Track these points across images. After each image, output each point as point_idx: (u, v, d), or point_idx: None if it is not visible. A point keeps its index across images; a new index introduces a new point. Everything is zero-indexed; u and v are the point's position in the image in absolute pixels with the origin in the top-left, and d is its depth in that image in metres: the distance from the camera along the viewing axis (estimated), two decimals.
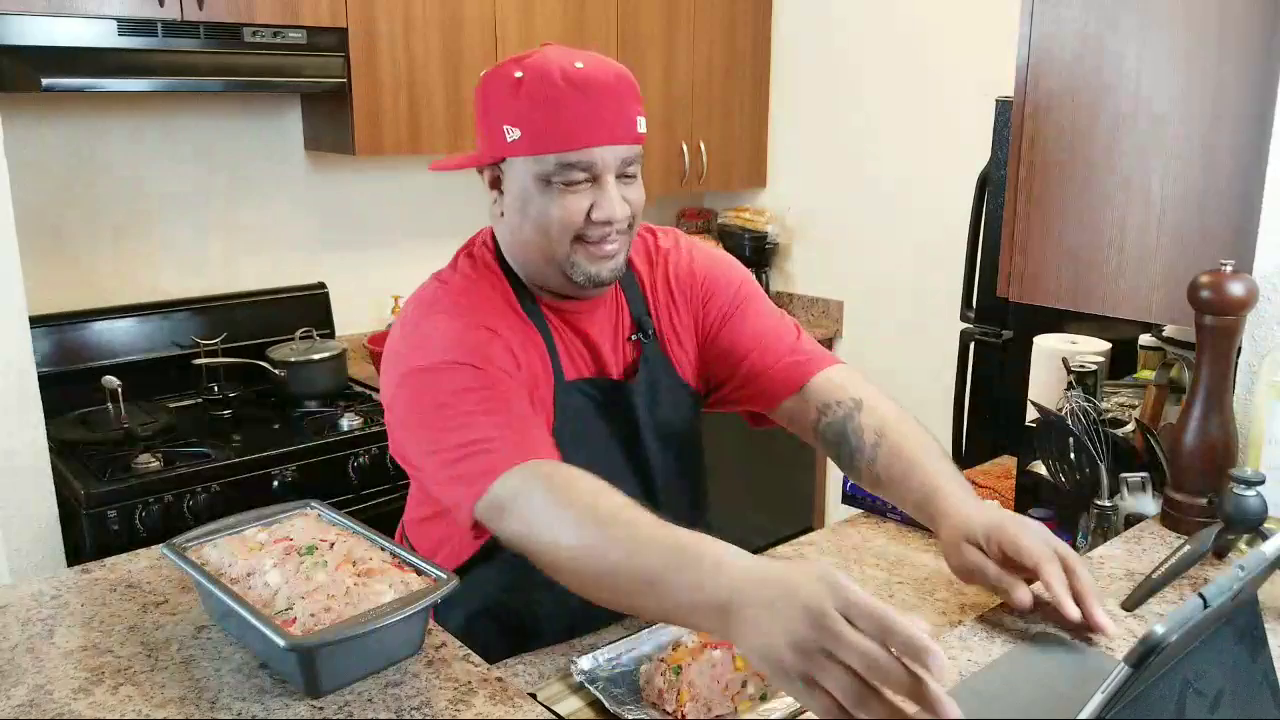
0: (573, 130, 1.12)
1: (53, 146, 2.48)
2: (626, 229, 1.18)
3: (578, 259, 1.16)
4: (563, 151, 1.12)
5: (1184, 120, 1.33)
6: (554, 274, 1.19)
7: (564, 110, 1.11)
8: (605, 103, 1.14)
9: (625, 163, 1.16)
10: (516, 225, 1.19)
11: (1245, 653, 0.76)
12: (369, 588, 0.93)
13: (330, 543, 1.01)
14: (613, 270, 1.19)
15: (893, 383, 3.64)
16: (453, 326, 1.15)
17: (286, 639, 0.86)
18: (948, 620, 1.43)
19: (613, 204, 1.14)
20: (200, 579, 0.97)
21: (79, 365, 2.46)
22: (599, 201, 1.14)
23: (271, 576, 0.96)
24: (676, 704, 1.15)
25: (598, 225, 1.14)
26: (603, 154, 1.13)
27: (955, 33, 3.08)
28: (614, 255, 1.18)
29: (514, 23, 2.90)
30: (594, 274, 1.17)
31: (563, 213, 1.14)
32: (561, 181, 1.13)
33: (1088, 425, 1.35)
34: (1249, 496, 1.04)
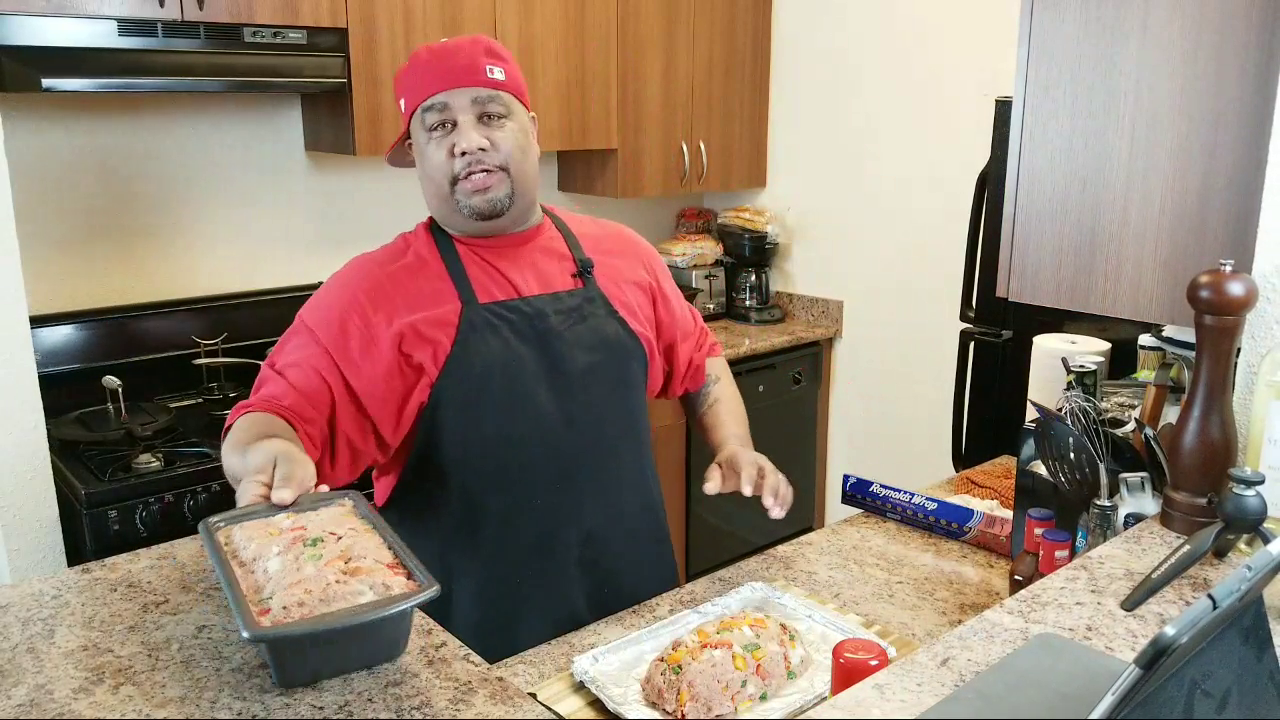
0: (426, 81, 1.35)
1: (53, 146, 2.48)
2: (498, 167, 1.36)
3: (458, 195, 1.37)
4: (423, 101, 1.35)
5: (1184, 120, 1.33)
6: (453, 214, 1.40)
7: (421, 70, 1.36)
8: (452, 57, 1.35)
9: (478, 103, 1.35)
10: (423, 180, 1.42)
11: (1252, 653, 0.76)
12: (349, 586, 0.93)
13: (339, 535, 1.00)
14: (489, 201, 1.37)
15: (893, 383, 3.67)
16: (326, 294, 1.40)
17: (249, 629, 0.87)
18: (948, 620, 1.43)
19: (466, 137, 1.34)
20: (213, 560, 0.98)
21: (79, 365, 2.46)
22: (456, 138, 1.35)
23: (272, 564, 0.96)
24: (676, 704, 1.15)
25: (460, 159, 1.35)
26: (451, 96, 1.34)
27: (955, 33, 3.08)
28: (488, 188, 1.36)
29: (514, 23, 2.90)
30: (472, 205, 1.37)
31: (437, 155, 1.36)
32: (429, 128, 1.36)
33: (1087, 425, 1.35)
34: (1249, 496, 1.04)
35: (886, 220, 3.37)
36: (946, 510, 1.70)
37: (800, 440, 3.65)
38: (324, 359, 1.33)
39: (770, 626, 1.26)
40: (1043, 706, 0.84)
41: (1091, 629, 0.99)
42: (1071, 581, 1.09)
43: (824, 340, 3.61)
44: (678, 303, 1.65)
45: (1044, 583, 1.09)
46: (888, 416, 3.50)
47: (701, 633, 1.24)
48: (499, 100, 1.36)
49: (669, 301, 1.62)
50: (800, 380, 3.54)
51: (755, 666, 1.19)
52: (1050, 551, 1.30)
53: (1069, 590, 1.07)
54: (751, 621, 1.26)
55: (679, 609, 1.45)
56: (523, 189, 1.40)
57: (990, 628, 0.99)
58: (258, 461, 1.10)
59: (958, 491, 1.88)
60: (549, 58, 3.01)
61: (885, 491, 1.79)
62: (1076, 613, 1.02)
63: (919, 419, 3.29)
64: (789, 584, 1.52)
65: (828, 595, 1.50)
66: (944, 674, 0.91)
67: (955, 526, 1.68)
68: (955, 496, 1.83)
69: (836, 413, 3.69)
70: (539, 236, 1.48)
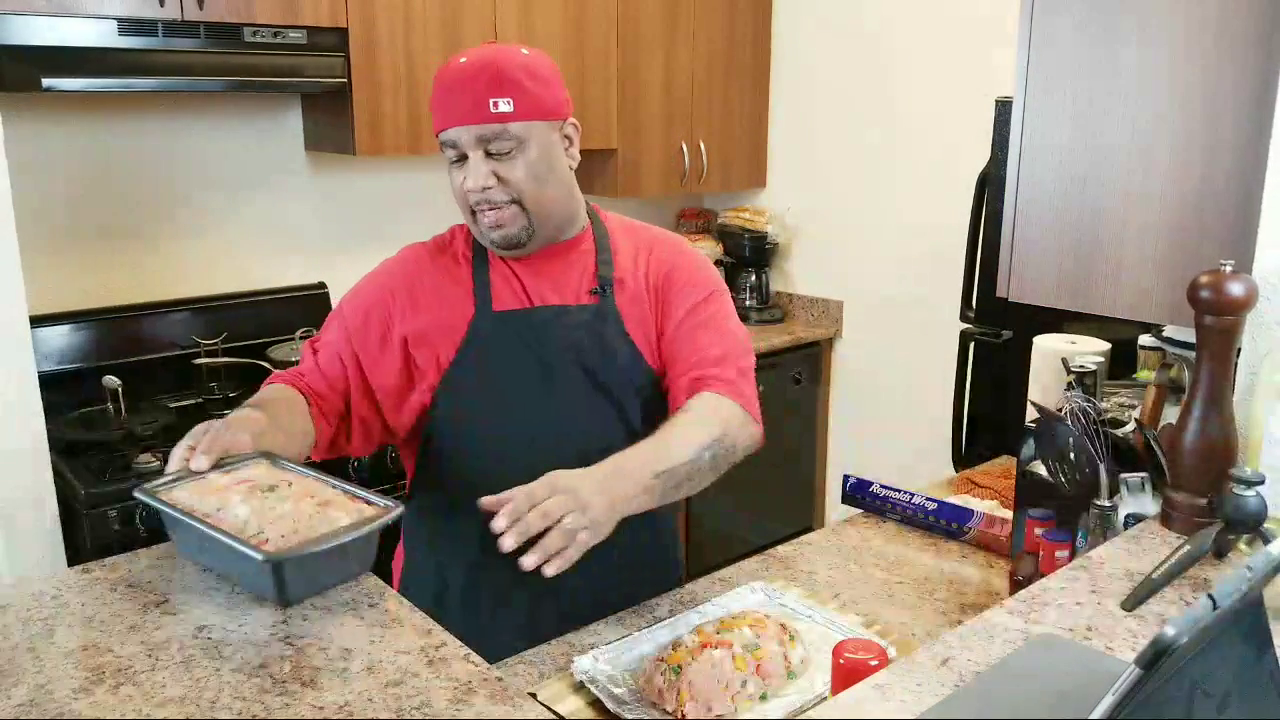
0: (438, 114, 1.36)
1: (53, 146, 2.48)
2: (509, 203, 1.35)
3: (480, 227, 1.38)
4: (439, 133, 1.36)
5: (1184, 120, 1.33)
6: (481, 238, 1.41)
7: (436, 99, 1.36)
8: (460, 90, 1.33)
9: (483, 140, 1.33)
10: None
11: (1252, 653, 0.76)
12: (327, 515, 1.07)
13: (289, 482, 1.13)
14: (504, 236, 1.37)
15: (893, 383, 3.67)
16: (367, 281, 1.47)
17: (262, 553, 0.99)
18: (948, 620, 1.43)
19: (472, 176, 1.34)
20: (176, 514, 1.08)
21: (79, 365, 2.46)
22: (466, 174, 1.35)
23: (240, 510, 1.07)
24: (676, 704, 1.15)
25: (471, 194, 1.35)
26: (458, 134, 1.34)
27: (955, 33, 3.08)
28: (500, 225, 1.36)
29: (514, 23, 2.90)
30: (491, 239, 1.38)
31: (455, 185, 1.38)
32: (449, 159, 1.37)
33: (1087, 425, 1.35)
34: (1249, 496, 1.04)
35: (886, 220, 3.37)
36: (946, 510, 1.70)
37: (800, 440, 3.65)
38: (346, 346, 1.42)
39: (770, 626, 1.26)
40: (1043, 706, 0.84)
41: (1091, 629, 0.99)
42: (1071, 582, 1.09)
43: (824, 340, 3.61)
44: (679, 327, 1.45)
45: (1044, 583, 1.09)
46: (888, 416, 3.50)
47: (701, 633, 1.24)
48: (506, 135, 1.33)
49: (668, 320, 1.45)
50: (800, 380, 3.54)
51: (755, 666, 1.19)
52: (1050, 551, 1.30)
53: (1069, 590, 1.07)
54: (751, 621, 1.26)
55: (679, 609, 1.44)
56: (543, 217, 1.38)
57: (990, 628, 0.99)
58: (195, 430, 1.21)
59: (958, 491, 1.88)
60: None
61: (885, 491, 1.79)
62: (1076, 613, 1.02)
63: (919, 419, 3.28)
64: (789, 584, 1.52)
65: (828, 595, 1.50)
66: (944, 674, 0.91)
67: (955, 526, 1.68)
68: (955, 496, 1.83)
69: (836, 413, 3.69)
70: (573, 250, 1.45)
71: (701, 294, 1.47)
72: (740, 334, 1.49)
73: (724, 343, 1.44)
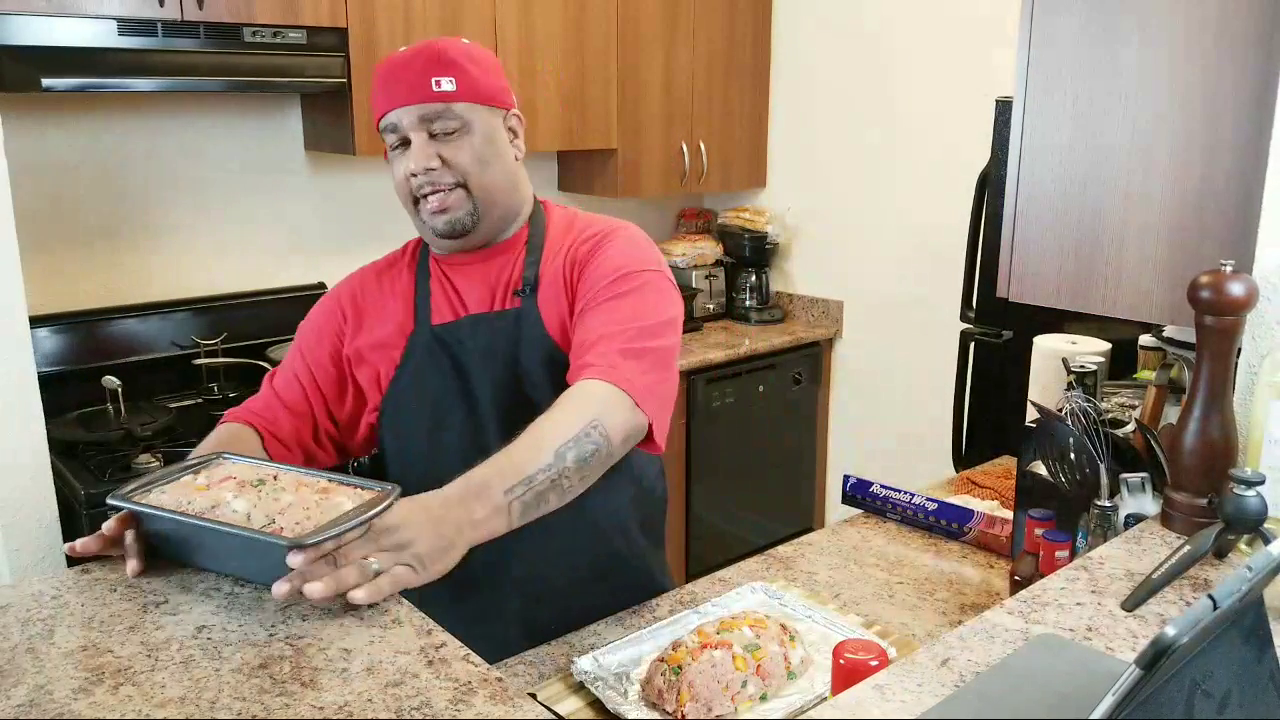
0: (379, 100, 1.32)
1: (53, 146, 2.48)
2: (454, 185, 1.31)
3: (420, 215, 1.35)
4: (379, 120, 1.33)
5: (1184, 120, 1.33)
6: (423, 230, 1.38)
7: (376, 87, 1.33)
8: (400, 73, 1.30)
9: (426, 120, 1.30)
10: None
11: (1252, 653, 0.76)
12: (332, 501, 1.04)
13: (274, 475, 1.10)
14: (448, 222, 1.33)
15: (893, 383, 3.67)
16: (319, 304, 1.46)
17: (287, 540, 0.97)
18: (948, 620, 1.43)
19: (416, 158, 1.30)
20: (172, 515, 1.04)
21: (79, 365, 2.46)
22: (408, 160, 1.31)
23: (238, 504, 1.04)
24: (676, 704, 1.15)
25: (415, 179, 1.31)
26: (400, 115, 1.30)
27: (955, 33, 3.08)
28: (446, 209, 1.32)
29: (514, 23, 2.90)
30: (434, 226, 1.34)
31: (397, 175, 1.34)
32: (391, 147, 1.34)
33: (1088, 425, 1.35)
34: (1249, 496, 1.04)
35: (886, 220, 3.37)
36: (946, 510, 1.70)
37: (800, 440, 3.65)
38: (304, 369, 1.42)
39: (770, 626, 1.26)
40: (1043, 707, 0.84)
41: (1092, 629, 0.99)
42: (1072, 582, 1.09)
43: (824, 340, 3.61)
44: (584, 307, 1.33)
45: (1044, 583, 1.09)
46: (888, 416, 3.50)
47: (701, 633, 1.24)
48: (449, 114, 1.29)
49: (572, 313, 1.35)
50: (800, 380, 3.54)
51: (755, 667, 1.19)
52: (1050, 552, 1.30)
53: (1069, 590, 1.07)
54: (751, 621, 1.26)
55: (679, 609, 1.44)
56: (488, 203, 1.34)
57: (990, 628, 0.99)
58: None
59: (958, 491, 1.88)
60: (549, 58, 3.01)
61: (885, 492, 1.79)
62: (1077, 613, 1.02)
63: (919, 419, 3.28)
64: (789, 584, 1.52)
65: (828, 595, 1.50)
66: (944, 674, 0.91)
67: (955, 526, 1.68)
68: (955, 496, 1.83)
69: (836, 413, 3.69)
70: (506, 253, 1.39)
71: (609, 278, 1.31)
72: (643, 310, 1.29)
73: (611, 322, 1.27)
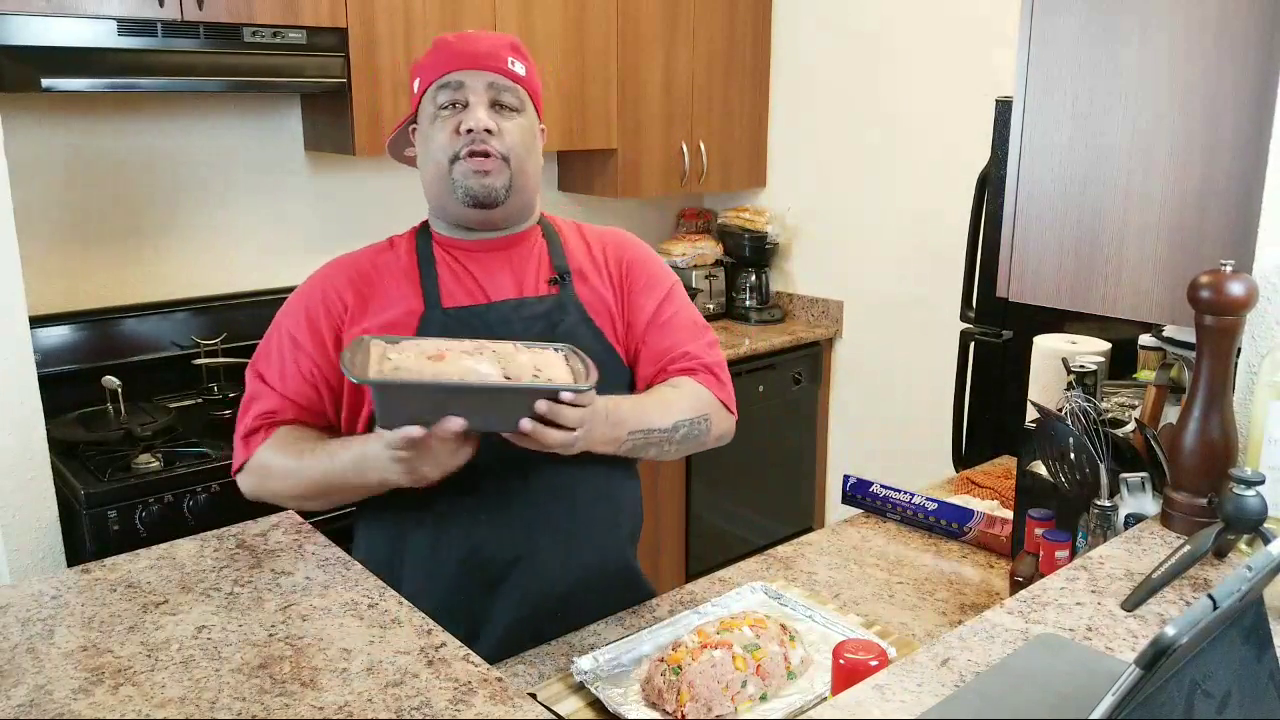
0: (445, 59, 1.35)
1: (53, 146, 2.48)
2: (502, 160, 1.34)
3: (456, 175, 1.34)
4: (439, 77, 1.35)
5: (1184, 120, 1.33)
6: (447, 197, 1.37)
7: (443, 50, 1.36)
8: (475, 43, 1.35)
9: (494, 89, 1.34)
10: (422, 163, 1.40)
11: (1252, 653, 0.76)
12: (544, 359, 1.19)
13: (477, 347, 1.18)
14: (485, 186, 1.34)
15: (893, 383, 3.67)
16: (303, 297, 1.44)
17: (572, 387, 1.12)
18: (948, 620, 1.43)
19: (473, 116, 1.32)
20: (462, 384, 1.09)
21: (79, 365, 2.46)
22: (464, 117, 1.33)
23: (486, 368, 1.12)
24: (676, 704, 1.15)
25: (464, 136, 1.33)
26: (468, 76, 1.33)
27: (955, 32, 3.08)
28: (487, 172, 1.34)
29: (514, 23, 2.90)
30: (468, 187, 1.34)
31: (442, 133, 1.35)
32: (439, 106, 1.35)
33: (1088, 425, 1.35)
34: (1249, 496, 1.04)
35: (886, 220, 3.37)
36: (946, 510, 1.70)
37: (800, 440, 3.65)
38: (307, 362, 1.38)
39: (770, 626, 1.26)
40: (1043, 706, 0.84)
41: (1092, 629, 0.99)
42: (1071, 582, 1.09)
43: (824, 340, 3.61)
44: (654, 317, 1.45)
45: (1044, 583, 1.09)
46: (888, 416, 3.50)
47: (701, 633, 1.24)
48: (515, 93, 1.36)
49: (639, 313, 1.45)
50: (800, 380, 3.54)
51: (755, 667, 1.19)
52: (1050, 552, 1.30)
53: (1069, 590, 1.07)
54: (751, 621, 1.26)
55: (679, 609, 1.44)
56: (521, 185, 1.37)
57: (990, 628, 0.99)
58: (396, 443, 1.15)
59: (958, 491, 1.88)
60: (549, 58, 3.01)
61: (885, 491, 1.79)
62: (1077, 613, 1.02)
63: (919, 419, 3.28)
64: (789, 584, 1.52)
65: (828, 595, 1.50)
66: (944, 674, 0.91)
67: (955, 526, 1.68)
68: (955, 496, 1.83)
69: (836, 413, 3.69)
70: (522, 243, 1.43)
71: (664, 287, 1.48)
72: (707, 326, 1.52)
73: (699, 336, 1.48)
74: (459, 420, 1.10)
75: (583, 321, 1.40)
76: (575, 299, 1.41)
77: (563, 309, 1.40)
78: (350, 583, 1.16)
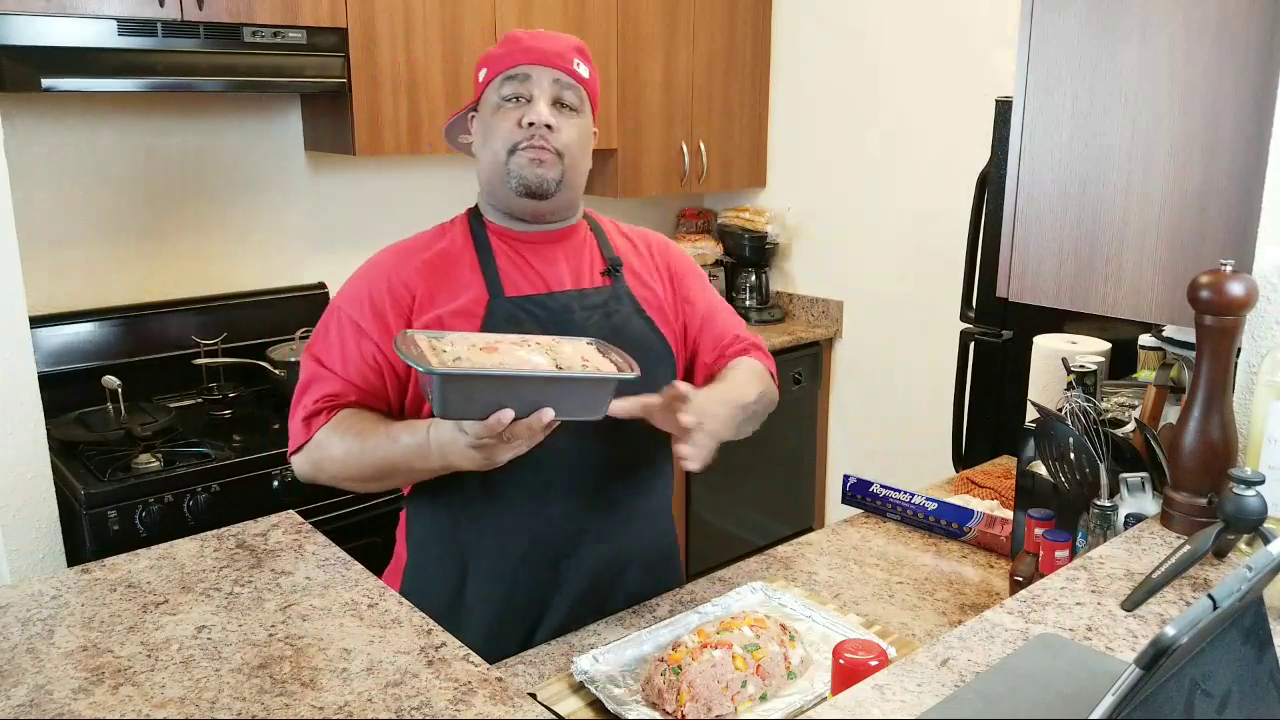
0: (514, 54, 1.40)
1: (53, 146, 2.48)
2: (556, 154, 1.39)
3: (512, 165, 1.39)
4: (507, 69, 1.40)
5: (1184, 120, 1.33)
6: (502, 186, 1.41)
7: (513, 44, 1.41)
8: (547, 42, 1.41)
9: (559, 86, 1.40)
10: (480, 150, 1.45)
11: (1252, 653, 0.76)
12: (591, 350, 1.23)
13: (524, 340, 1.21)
14: (539, 178, 1.39)
15: (893, 383, 3.67)
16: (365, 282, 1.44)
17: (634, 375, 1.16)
18: (948, 620, 1.43)
19: (536, 111, 1.38)
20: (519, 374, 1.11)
21: (79, 365, 2.46)
22: (527, 111, 1.38)
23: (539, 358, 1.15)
24: (676, 704, 1.15)
25: (526, 129, 1.38)
26: (535, 71, 1.39)
27: (955, 32, 3.08)
28: (544, 164, 1.39)
29: (514, 23, 2.90)
30: (523, 176, 1.39)
31: (504, 123, 1.39)
32: (504, 97, 1.40)
33: (1088, 425, 1.35)
34: (1249, 496, 1.04)
35: (886, 220, 3.37)
36: (946, 510, 1.70)
37: (800, 440, 3.65)
38: (370, 347, 1.39)
39: (770, 626, 1.26)
40: (1043, 706, 0.84)
41: (1092, 629, 0.99)
42: (1071, 582, 1.09)
43: (824, 340, 3.61)
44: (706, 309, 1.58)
45: (1044, 583, 1.09)
46: (888, 416, 3.50)
47: (701, 633, 1.24)
48: (577, 93, 1.41)
49: (693, 306, 1.56)
50: (800, 380, 3.54)
51: (755, 667, 1.19)
52: (1050, 552, 1.30)
53: (1069, 590, 1.07)
54: (751, 621, 1.26)
55: (679, 609, 1.45)
56: (571, 180, 1.43)
57: (990, 628, 0.99)
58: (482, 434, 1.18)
59: (958, 491, 1.88)
60: None
61: (885, 491, 1.79)
62: (1076, 613, 1.02)
63: (919, 419, 3.28)
64: (789, 584, 1.52)
65: (828, 595, 1.50)
66: (944, 674, 0.91)
67: (955, 526, 1.68)
68: (955, 496, 1.83)
69: (836, 413, 3.69)
70: (573, 236, 1.50)
71: (704, 280, 1.61)
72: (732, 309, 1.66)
73: (735, 318, 1.62)
74: (550, 411, 1.13)
75: (636, 312, 1.47)
76: (627, 290, 1.49)
77: (617, 299, 1.47)
78: (350, 583, 1.16)
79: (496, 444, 1.16)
